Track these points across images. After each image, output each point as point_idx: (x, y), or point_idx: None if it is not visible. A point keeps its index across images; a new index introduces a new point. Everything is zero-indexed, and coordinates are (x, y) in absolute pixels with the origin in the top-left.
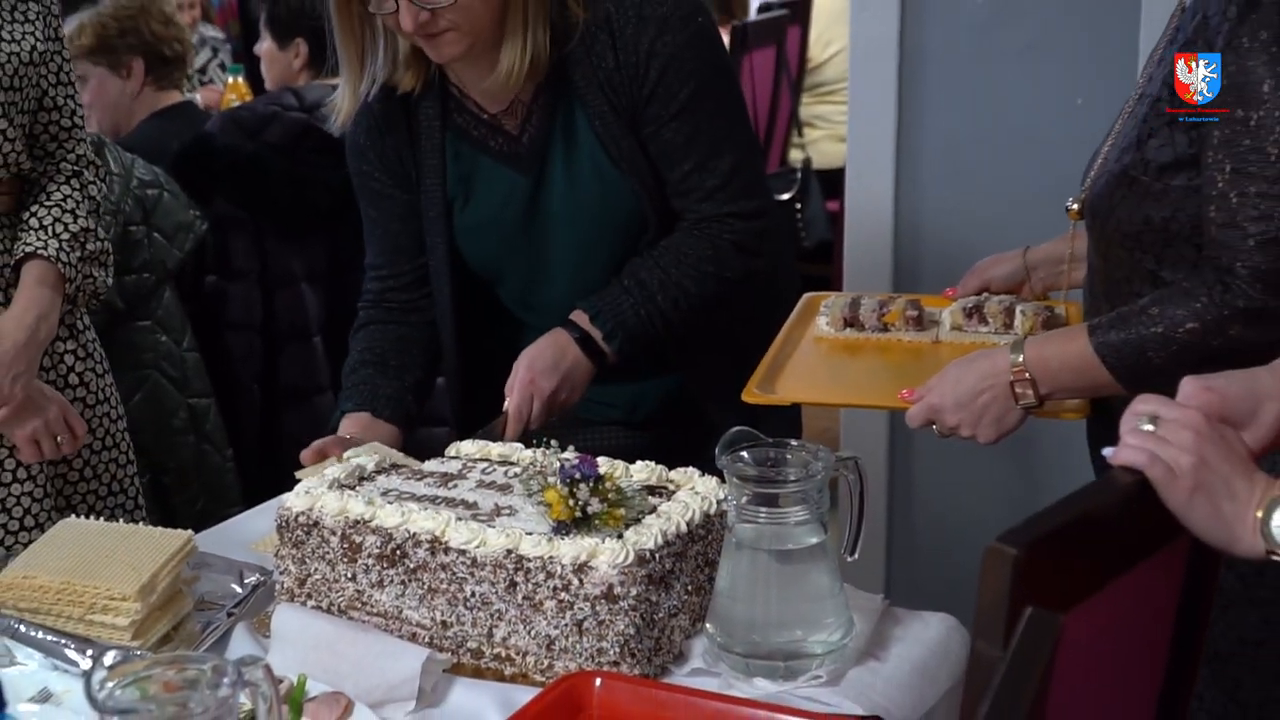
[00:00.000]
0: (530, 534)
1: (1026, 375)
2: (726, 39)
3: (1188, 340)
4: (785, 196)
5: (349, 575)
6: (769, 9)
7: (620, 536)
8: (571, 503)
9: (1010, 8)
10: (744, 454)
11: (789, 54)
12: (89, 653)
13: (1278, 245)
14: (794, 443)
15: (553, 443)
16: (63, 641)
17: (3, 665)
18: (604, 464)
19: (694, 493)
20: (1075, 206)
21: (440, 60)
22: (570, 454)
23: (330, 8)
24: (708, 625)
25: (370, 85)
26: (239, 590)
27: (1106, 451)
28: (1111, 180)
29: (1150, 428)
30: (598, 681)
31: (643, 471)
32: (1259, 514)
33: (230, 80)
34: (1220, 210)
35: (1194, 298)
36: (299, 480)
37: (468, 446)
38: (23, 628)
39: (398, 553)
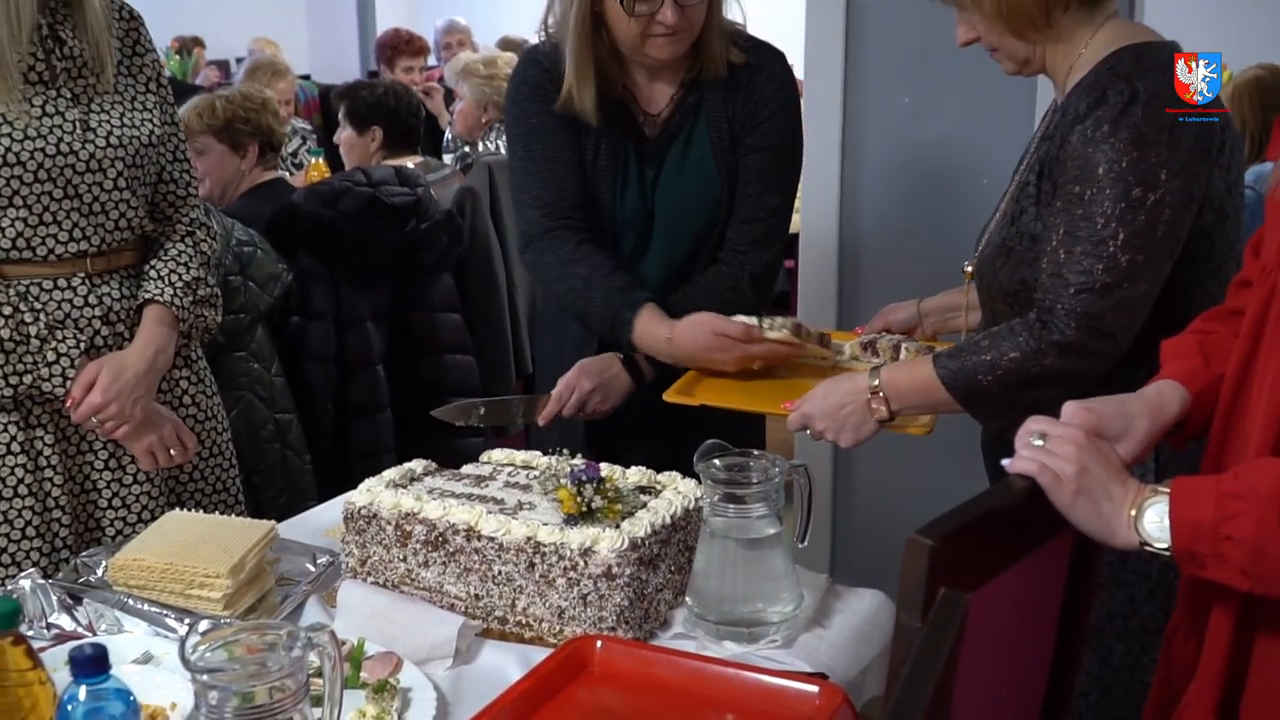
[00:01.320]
0: (546, 524)
1: (880, 394)
2: None
3: (1010, 366)
4: None
5: (401, 557)
6: None
7: (618, 527)
8: (579, 499)
9: (929, 106)
10: (716, 462)
11: None
12: (186, 621)
13: (1092, 293)
14: (756, 452)
15: (564, 451)
16: (165, 612)
17: (111, 633)
18: (605, 469)
19: (677, 492)
20: (969, 268)
21: (666, 56)
22: (578, 460)
23: (573, 12)
24: (687, 598)
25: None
26: (312, 569)
27: (1005, 462)
28: (994, 249)
29: (1040, 442)
30: (599, 643)
31: (636, 475)
32: (1132, 513)
33: (313, 161)
34: (1051, 263)
35: (1017, 333)
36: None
37: (498, 455)
38: (131, 601)
39: (440, 539)
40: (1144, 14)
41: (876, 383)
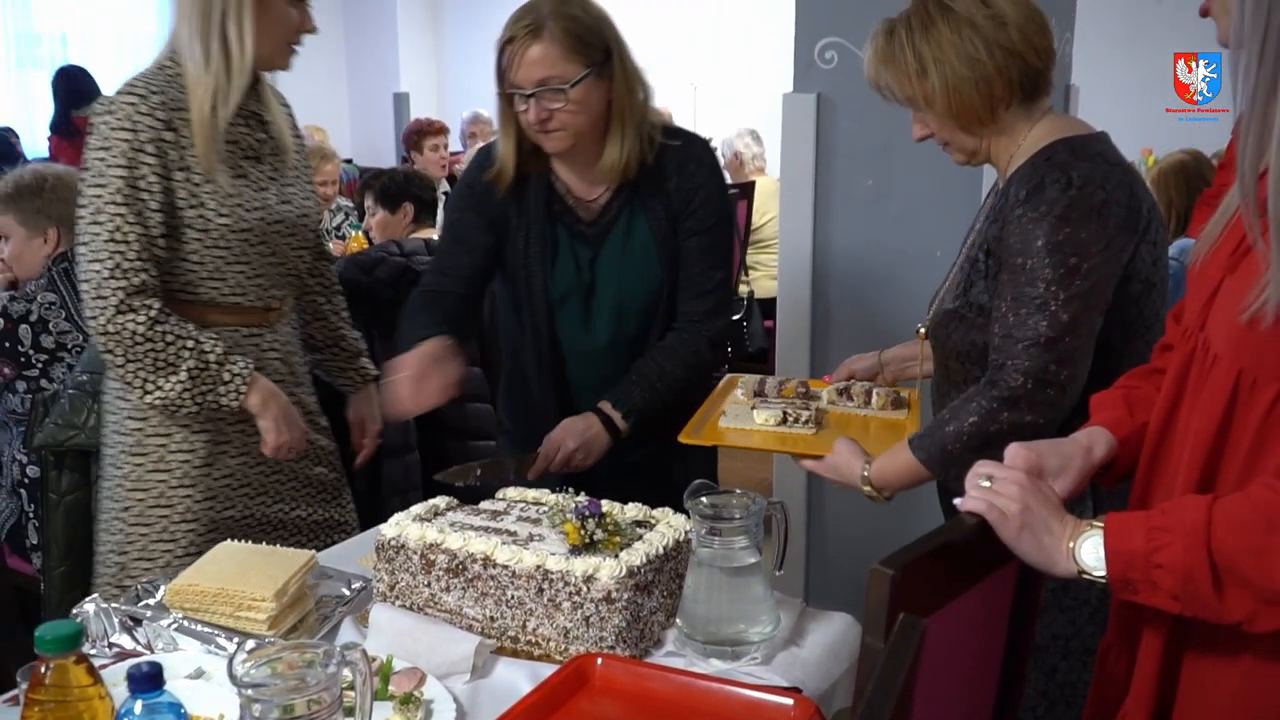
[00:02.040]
0: (554, 554)
1: (871, 488)
2: None
3: (972, 430)
4: (736, 317)
5: (425, 583)
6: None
7: (617, 557)
8: (583, 532)
9: (889, 189)
10: (703, 499)
11: (739, 219)
12: (235, 640)
13: (1038, 347)
14: (738, 490)
15: (569, 489)
16: (216, 632)
17: (167, 650)
18: (606, 505)
19: (669, 525)
20: (923, 330)
21: (550, 149)
22: (582, 498)
23: (498, 111)
24: (678, 620)
25: (515, 158)
26: (347, 593)
27: (956, 501)
28: (947, 315)
29: (987, 484)
30: (599, 661)
31: (633, 510)
32: (1071, 545)
33: (354, 234)
34: (1001, 326)
35: (971, 400)
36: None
37: (511, 492)
38: (186, 622)
39: (460, 567)
40: (1078, 109)
41: (868, 475)
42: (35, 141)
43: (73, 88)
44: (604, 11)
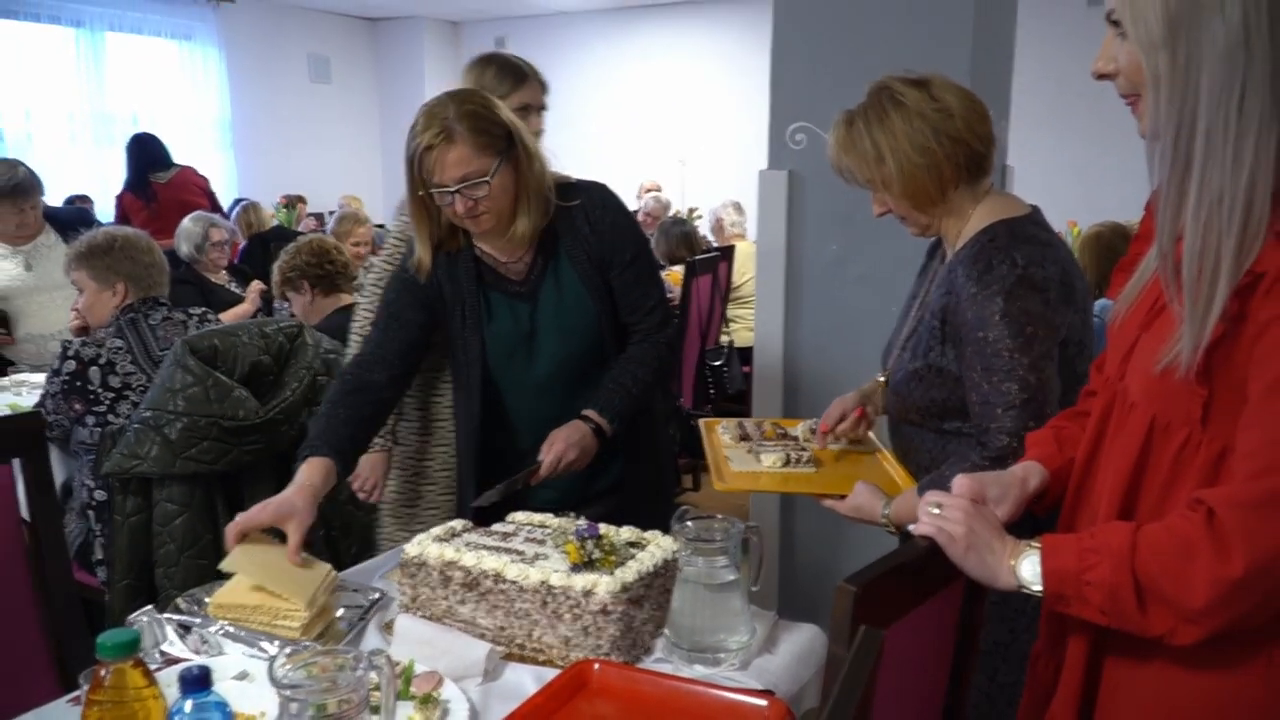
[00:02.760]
0: (556, 571)
1: (891, 525)
2: (683, 271)
3: None
4: (717, 363)
5: (443, 596)
6: (708, 252)
7: (612, 574)
8: (582, 551)
9: (851, 253)
10: (689, 523)
11: (721, 278)
12: (274, 644)
13: (1016, 409)
14: (719, 516)
15: (571, 514)
16: (258, 637)
17: (214, 654)
18: (603, 528)
19: (658, 546)
20: (882, 378)
21: (478, 231)
22: (582, 521)
23: (408, 202)
24: (666, 630)
25: (431, 247)
26: (365, 603)
27: (910, 526)
28: (907, 375)
29: (937, 510)
30: (597, 666)
31: (626, 532)
32: (1011, 563)
33: None
34: (978, 394)
35: (965, 459)
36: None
37: (520, 516)
38: (232, 629)
39: (474, 582)
40: (1013, 186)
41: (889, 514)
42: (109, 210)
43: (145, 151)
44: (494, 99)
